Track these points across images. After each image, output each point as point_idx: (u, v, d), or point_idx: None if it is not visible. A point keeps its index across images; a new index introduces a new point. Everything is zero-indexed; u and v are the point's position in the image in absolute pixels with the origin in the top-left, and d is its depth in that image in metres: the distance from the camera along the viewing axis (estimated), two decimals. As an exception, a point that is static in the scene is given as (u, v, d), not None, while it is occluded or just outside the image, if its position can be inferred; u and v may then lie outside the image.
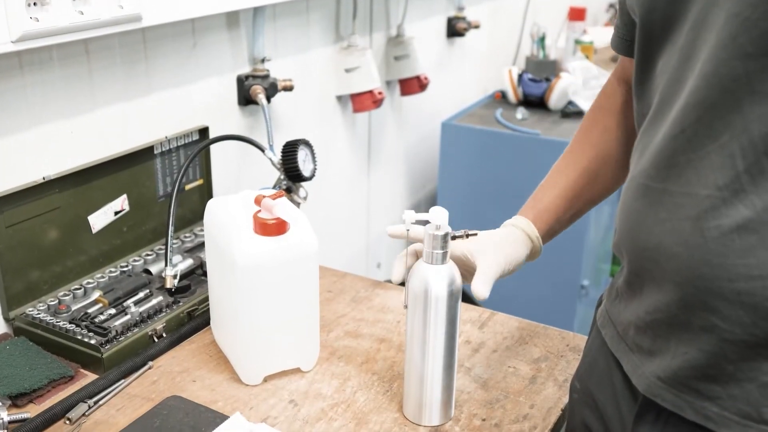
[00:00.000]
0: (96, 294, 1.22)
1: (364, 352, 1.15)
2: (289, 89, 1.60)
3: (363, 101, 1.92)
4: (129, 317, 1.17)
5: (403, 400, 1.01)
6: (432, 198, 2.62)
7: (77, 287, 1.23)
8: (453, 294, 0.94)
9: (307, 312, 1.08)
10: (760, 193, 0.68)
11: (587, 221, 2.20)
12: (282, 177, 1.44)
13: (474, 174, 2.33)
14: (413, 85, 2.16)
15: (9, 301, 1.16)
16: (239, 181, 1.62)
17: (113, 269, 1.29)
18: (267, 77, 1.57)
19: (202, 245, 1.38)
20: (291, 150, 1.42)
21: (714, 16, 0.70)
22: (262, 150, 1.43)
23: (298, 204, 1.44)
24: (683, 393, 0.76)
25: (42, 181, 1.16)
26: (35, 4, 1.03)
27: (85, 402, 1.01)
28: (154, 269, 1.30)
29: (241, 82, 1.55)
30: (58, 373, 1.06)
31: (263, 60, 1.57)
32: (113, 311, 1.17)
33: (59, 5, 1.06)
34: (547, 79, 2.46)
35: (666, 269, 0.75)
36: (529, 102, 2.49)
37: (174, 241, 1.36)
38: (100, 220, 1.29)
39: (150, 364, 1.11)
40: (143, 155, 1.35)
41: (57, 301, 1.19)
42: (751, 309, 0.69)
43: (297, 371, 1.10)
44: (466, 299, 1.02)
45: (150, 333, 1.15)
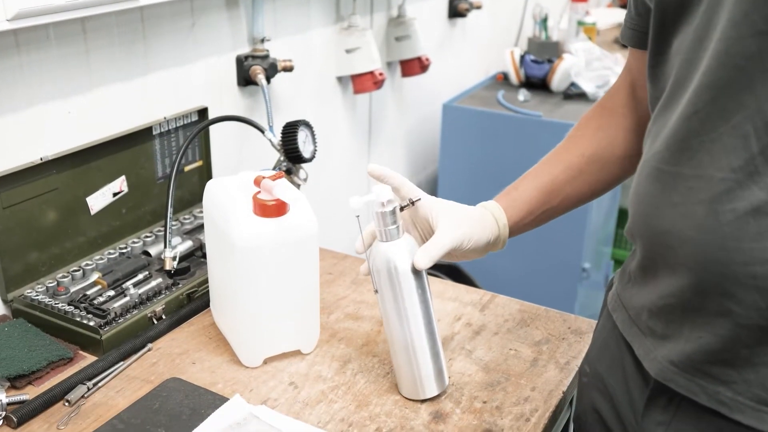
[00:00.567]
0: (95, 276, 1.21)
1: (364, 334, 1.15)
2: (289, 70, 1.58)
3: (363, 82, 1.91)
4: (128, 299, 1.16)
5: (397, 381, 1.00)
6: (433, 180, 2.61)
7: (76, 269, 1.23)
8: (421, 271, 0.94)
9: (307, 294, 1.07)
10: None
11: (589, 204, 2.19)
12: (282, 158, 1.43)
13: (475, 156, 2.32)
14: (414, 67, 2.14)
15: (7, 283, 1.15)
16: (239, 163, 1.60)
17: (112, 251, 1.29)
18: (267, 57, 1.55)
19: (201, 227, 1.37)
20: (291, 131, 1.40)
21: None
22: (261, 131, 1.42)
23: (298, 186, 1.43)
24: (696, 377, 0.75)
25: (39, 162, 1.15)
26: (31, -19, 1.02)
27: (84, 384, 1.01)
28: (153, 251, 1.29)
29: (241, 62, 1.54)
30: (57, 355, 1.05)
31: (263, 40, 1.56)
32: (112, 293, 1.17)
33: (55, -17, 1.05)
34: (550, 61, 2.44)
35: (680, 254, 0.74)
36: (531, 84, 2.47)
37: (173, 223, 1.35)
38: (98, 201, 1.28)
39: (149, 346, 1.10)
40: (142, 136, 1.33)
41: (55, 283, 1.19)
42: (767, 293, 0.68)
43: (297, 353, 1.09)
44: (467, 281, 1.02)
45: (149, 315, 1.14)
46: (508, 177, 1.08)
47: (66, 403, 0.98)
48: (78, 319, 1.10)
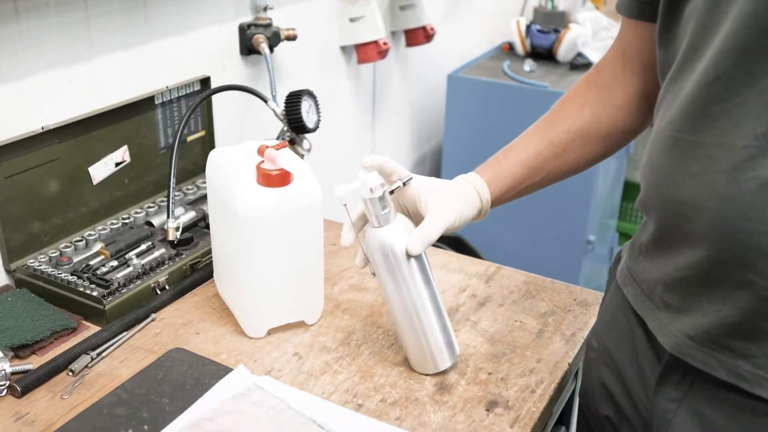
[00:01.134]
0: (98, 246, 1.20)
1: (368, 305, 1.14)
2: (293, 39, 1.56)
3: (367, 52, 1.89)
4: (131, 269, 1.15)
5: (408, 357, 1.00)
6: (437, 152, 2.59)
7: (79, 239, 1.22)
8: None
9: (311, 264, 1.06)
10: None
11: (595, 176, 2.18)
12: (285, 128, 1.41)
13: (480, 127, 2.30)
14: (419, 36, 2.12)
15: (10, 253, 1.14)
16: (242, 133, 1.59)
17: (115, 221, 1.28)
18: (270, 26, 1.53)
19: (204, 198, 1.36)
20: (294, 101, 1.39)
21: None
22: (264, 101, 1.40)
23: (301, 156, 1.42)
24: (715, 351, 0.74)
25: (41, 131, 1.14)
26: (29, -54, 1.00)
27: (88, 354, 1.00)
28: (156, 221, 1.29)
29: (243, 30, 1.52)
30: (60, 325, 1.05)
31: (266, 8, 1.53)
32: (115, 263, 1.16)
33: (54, -52, 1.03)
34: (556, 31, 2.41)
35: (698, 225, 0.72)
36: (537, 54, 2.44)
37: (176, 194, 1.34)
38: (100, 171, 1.27)
39: (153, 316, 1.10)
40: (144, 105, 1.32)
41: (58, 253, 1.18)
42: None
43: (301, 324, 1.09)
44: (471, 253, 1.01)
45: (152, 285, 1.13)
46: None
47: (70, 373, 0.98)
48: (81, 290, 1.09)
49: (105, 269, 1.15)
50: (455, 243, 2.13)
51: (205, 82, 1.42)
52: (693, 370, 0.77)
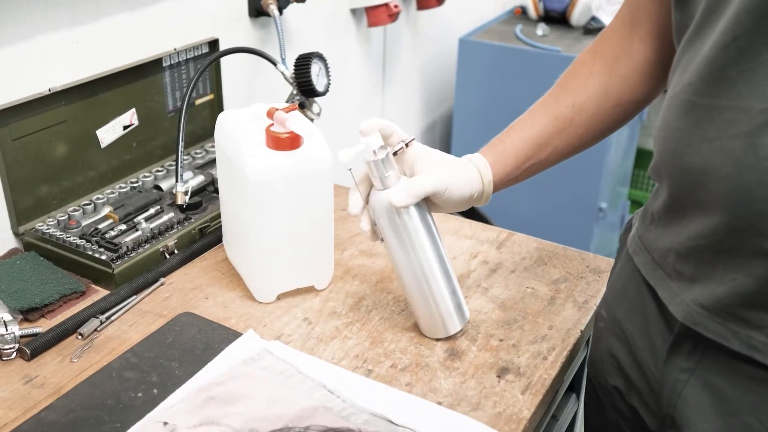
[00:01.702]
0: (106, 210, 1.19)
1: (378, 271, 1.13)
2: (302, 0, 1.54)
3: (378, 15, 1.86)
4: (140, 233, 1.14)
5: (418, 322, 0.99)
6: (447, 118, 2.57)
7: (87, 203, 1.21)
8: (420, 207, 0.92)
9: (321, 229, 1.05)
10: None
11: (607, 143, 2.15)
12: (295, 92, 1.39)
13: (492, 93, 2.27)
14: (430, -1, 2.08)
15: (18, 216, 1.13)
16: (250, 97, 1.57)
17: (123, 185, 1.27)
18: (279, -13, 1.50)
19: (213, 162, 1.35)
20: (304, 63, 1.37)
21: None
22: (274, 64, 1.38)
23: (311, 120, 1.40)
24: (728, 321, 0.73)
25: (48, 93, 1.13)
26: None
27: (97, 317, 1.00)
28: (164, 185, 1.28)
29: (252, -8, 1.49)
30: (69, 289, 1.05)
31: (275, -31, 1.50)
32: (124, 227, 1.15)
33: None
34: (570, -6, 2.37)
35: (713, 192, 0.70)
36: (550, 18, 2.40)
37: (185, 158, 1.33)
38: (108, 134, 1.25)
39: (162, 280, 1.09)
40: (151, 68, 1.30)
41: (67, 217, 1.17)
42: None
43: (311, 290, 1.08)
44: (482, 219, 0.99)
45: (161, 249, 1.13)
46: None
47: (79, 337, 0.98)
48: (90, 253, 1.09)
49: (113, 233, 1.14)
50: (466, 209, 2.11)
51: (214, 44, 1.40)
52: (705, 340, 0.76)
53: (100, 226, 1.16)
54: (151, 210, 1.20)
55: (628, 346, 0.88)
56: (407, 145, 0.92)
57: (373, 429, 0.82)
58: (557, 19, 2.39)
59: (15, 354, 0.94)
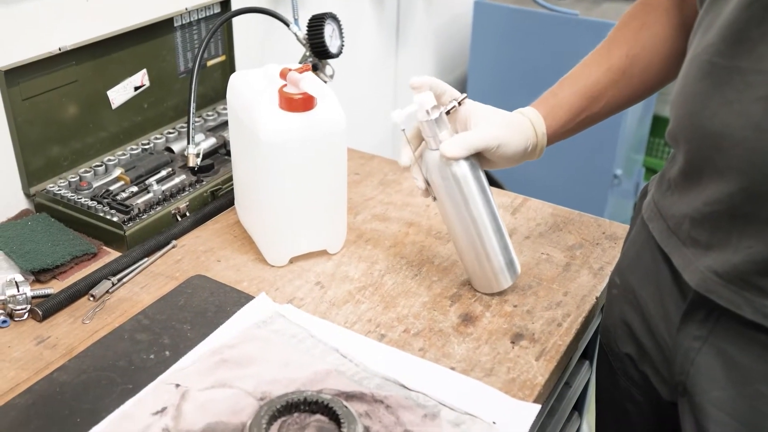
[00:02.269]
0: (117, 171, 1.18)
1: (392, 235, 1.12)
2: (316, -40, 1.50)
3: (393, -24, 1.82)
4: (151, 195, 1.14)
5: (469, 277, 0.99)
6: (462, 83, 2.53)
7: (98, 164, 1.20)
8: (473, 164, 0.91)
9: (334, 192, 1.04)
10: None
11: (621, 114, 2.11)
12: (308, 53, 1.37)
13: (507, 57, 2.23)
14: (446, -40, 2.04)
15: (29, 177, 1.13)
16: (263, 58, 1.55)
17: (134, 147, 1.26)
18: (292, -54, 1.47)
19: (225, 124, 1.33)
20: (317, 24, 1.34)
21: None
22: (286, 24, 1.35)
23: (324, 83, 1.38)
24: (743, 289, 0.72)
25: (58, 52, 1.11)
26: None
27: (109, 279, 1.00)
28: (176, 147, 1.26)
29: (265, -49, 1.46)
30: (80, 250, 1.04)
31: (288, -73, 1.47)
32: (135, 189, 1.15)
33: None
34: (588, -44, 2.32)
35: (731, 156, 0.69)
36: (568, -19, 2.35)
37: (196, 120, 1.31)
38: (119, 95, 1.24)
39: (173, 243, 1.08)
40: (163, 28, 1.28)
41: (78, 178, 1.16)
42: None
43: (323, 253, 1.07)
44: (495, 185, 0.98)
45: (173, 212, 1.12)
46: (541, 80, 1.02)
47: (91, 298, 0.97)
48: (101, 215, 1.08)
49: (125, 195, 1.13)
50: (479, 175, 2.09)
51: (226, 4, 1.38)
52: (718, 308, 0.75)
53: (111, 187, 1.15)
54: (163, 172, 1.19)
55: (641, 313, 0.87)
56: (460, 104, 0.91)
57: (386, 393, 0.81)
58: (575, -18, 2.34)
59: (27, 315, 0.94)
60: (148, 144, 1.27)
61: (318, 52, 1.35)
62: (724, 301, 0.73)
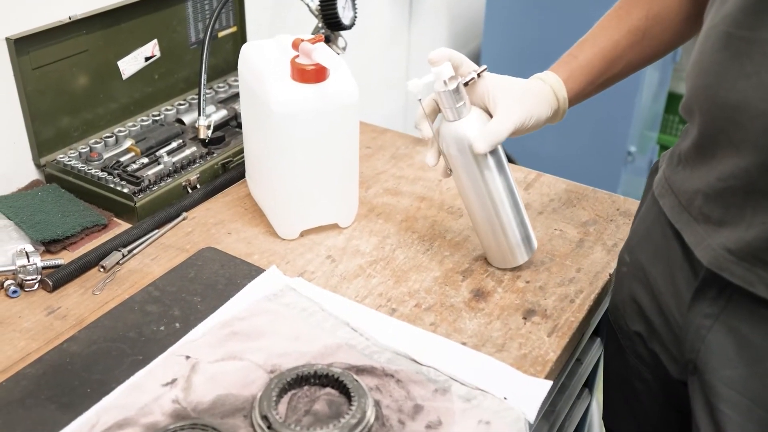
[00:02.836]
0: (128, 143, 1.18)
1: (403, 210, 1.11)
2: (329, -71, 1.48)
3: (407, -53, 1.79)
4: (162, 167, 1.13)
5: (485, 252, 0.99)
6: (475, 56, 2.51)
7: (109, 135, 1.19)
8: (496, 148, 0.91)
9: (346, 165, 1.03)
10: None
11: (638, 85, 2.09)
12: (320, 25, 1.35)
13: (522, 30, 2.20)
14: (461, -69, 2.01)
15: (39, 147, 1.12)
16: (274, 30, 1.53)
17: (145, 118, 1.25)
18: None
19: (236, 96, 1.32)
20: (330, -5, 1.32)
21: None
22: (299, -5, 1.34)
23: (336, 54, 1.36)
24: (756, 267, 0.70)
25: (68, 21, 1.10)
26: None
27: (119, 250, 0.99)
28: (187, 119, 1.25)
29: None
30: (91, 221, 1.04)
31: None
32: (146, 160, 1.14)
33: None
34: (606, -72, 2.28)
35: (748, 129, 0.67)
36: (585, -47, 2.31)
37: (207, 91, 1.30)
38: (130, 65, 1.23)
39: (184, 215, 1.08)
40: (174, -3, 1.27)
41: (88, 149, 1.16)
42: None
43: (335, 227, 1.06)
44: (507, 160, 0.96)
45: (183, 184, 1.11)
46: (557, 53, 1.00)
47: (101, 269, 0.97)
48: (112, 186, 1.07)
49: (135, 166, 1.12)
50: (491, 151, 2.07)
51: (237, -26, 1.36)
52: (730, 286, 0.73)
53: (122, 159, 1.14)
54: (174, 144, 1.18)
55: (651, 291, 0.86)
56: (479, 75, 0.90)
57: (396, 367, 0.81)
58: (592, -45, 2.30)
59: (37, 285, 0.94)
60: (158, 115, 1.26)
61: (330, 23, 1.33)
62: (736, 279, 0.72)
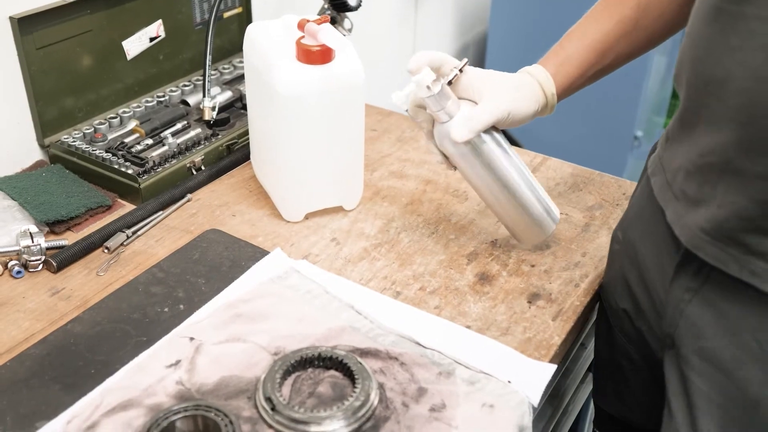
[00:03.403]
0: (132, 124, 1.17)
1: (408, 193, 1.11)
2: None
3: (414, -72, 1.77)
4: (166, 148, 1.12)
5: (513, 236, 0.98)
6: (481, 41, 2.49)
7: (113, 116, 1.19)
8: (488, 130, 0.89)
9: (351, 148, 1.02)
10: None
11: (646, 70, 2.07)
12: (326, 5, 1.34)
13: (529, 13, 2.18)
14: None
15: (43, 127, 1.12)
16: (280, 11, 1.52)
17: (149, 99, 1.24)
18: None
19: (241, 78, 1.32)
20: (336, -24, 1.31)
21: None
22: (304, -24, 1.33)
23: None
24: (729, 246, 0.71)
25: (72, 0, 1.09)
26: None
27: (123, 232, 0.99)
28: (191, 100, 1.25)
29: None
30: (95, 202, 1.03)
31: None
32: (150, 142, 1.13)
33: None
34: None
35: (729, 106, 0.67)
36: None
37: (212, 73, 1.29)
38: (134, 46, 1.22)
39: (188, 196, 1.07)
40: (178, -23, 1.26)
41: (92, 130, 1.15)
42: None
43: (339, 210, 1.06)
44: (511, 143, 0.95)
45: (188, 165, 1.11)
46: (564, 37, 0.99)
47: (105, 250, 0.97)
48: (116, 167, 1.07)
49: (140, 147, 1.12)
50: (496, 135, 2.06)
51: (243, -46, 1.35)
52: (708, 263, 0.73)
53: (126, 140, 1.14)
54: (178, 125, 1.18)
55: (638, 267, 0.86)
56: (461, 71, 0.87)
57: (401, 350, 0.81)
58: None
59: (41, 266, 0.93)
60: (163, 96, 1.25)
61: (336, 4, 1.32)
62: (710, 258, 0.72)
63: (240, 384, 0.76)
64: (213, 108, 1.18)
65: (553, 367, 0.81)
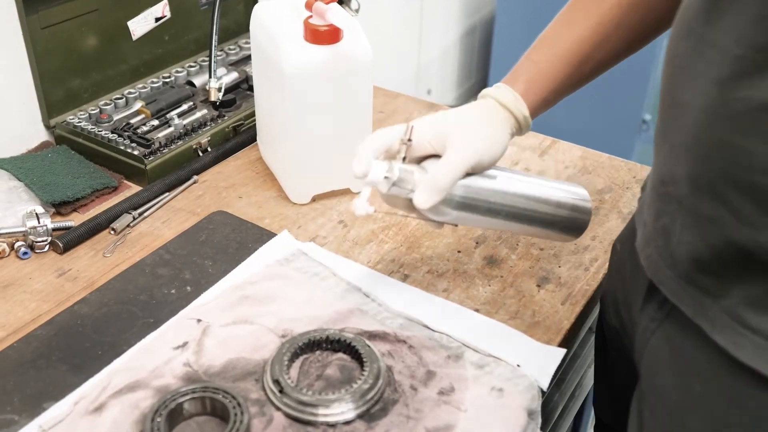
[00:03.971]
0: (138, 104, 1.16)
1: (416, 175, 1.10)
2: None
3: None
4: (172, 129, 1.12)
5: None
6: (488, 23, 2.47)
7: (118, 97, 1.18)
8: (468, 185, 0.77)
9: (359, 129, 1.01)
10: None
11: (655, 52, 2.06)
12: (333, -14, 1.32)
13: (537, -4, 2.16)
14: None
15: (49, 108, 1.11)
16: (287, -8, 1.50)
17: (155, 80, 1.23)
18: None
19: (247, 59, 1.30)
20: (343, -44, 1.29)
21: None
22: (311, -45, 1.31)
23: (349, 17, 1.34)
24: (689, 285, 0.63)
25: (77, -21, 1.08)
26: None
27: (130, 213, 0.98)
28: (197, 81, 1.24)
29: None
30: (101, 183, 1.03)
31: None
32: (156, 123, 1.13)
33: None
34: None
35: (687, 135, 0.60)
36: None
37: (218, 53, 1.28)
38: (140, 26, 1.21)
39: (195, 178, 1.07)
40: (184, -44, 1.24)
41: (98, 110, 1.14)
42: (764, 208, 0.55)
43: (347, 192, 1.05)
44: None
45: (194, 146, 1.10)
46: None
47: (112, 232, 0.96)
48: (122, 148, 1.06)
49: (146, 128, 1.11)
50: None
51: (249, -67, 1.33)
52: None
53: (132, 120, 1.13)
54: (184, 106, 1.17)
55: (623, 285, 0.80)
56: (410, 140, 0.75)
57: (409, 333, 0.80)
58: None
59: (48, 247, 0.93)
60: (169, 77, 1.24)
61: (344, -16, 1.30)
62: (670, 294, 0.66)
63: (248, 366, 0.76)
64: (219, 89, 1.18)
65: (563, 352, 0.81)
